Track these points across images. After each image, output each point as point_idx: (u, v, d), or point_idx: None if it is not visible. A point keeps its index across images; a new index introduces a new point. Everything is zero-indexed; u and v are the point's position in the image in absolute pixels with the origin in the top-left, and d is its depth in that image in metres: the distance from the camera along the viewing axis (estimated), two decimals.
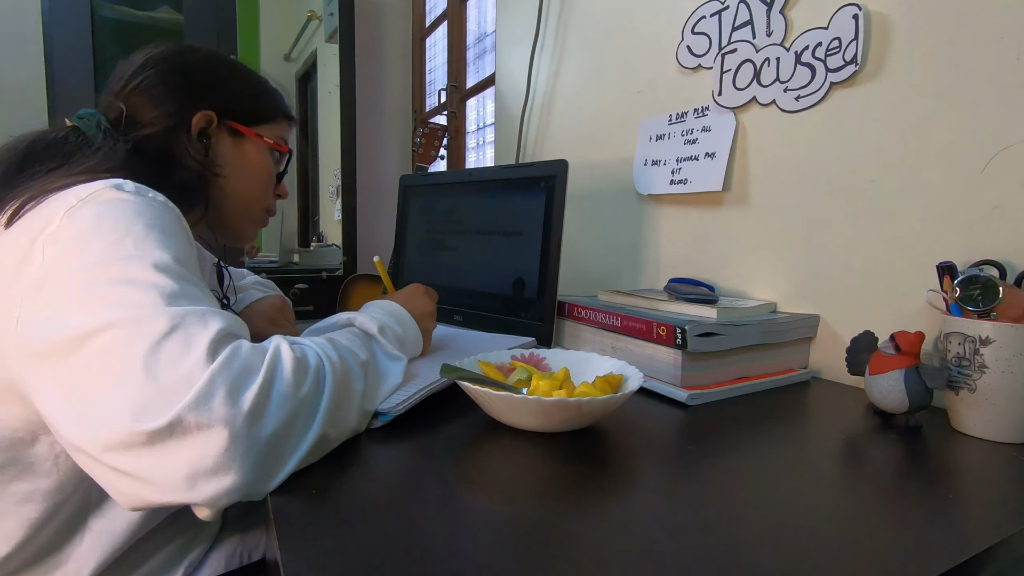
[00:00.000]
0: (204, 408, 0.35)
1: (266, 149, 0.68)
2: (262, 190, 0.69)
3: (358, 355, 0.50)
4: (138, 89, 0.61)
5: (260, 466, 0.38)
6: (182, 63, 0.64)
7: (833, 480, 0.44)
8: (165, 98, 0.61)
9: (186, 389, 0.36)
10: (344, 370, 0.46)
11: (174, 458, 0.35)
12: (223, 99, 0.65)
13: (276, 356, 0.41)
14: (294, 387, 0.40)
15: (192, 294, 0.42)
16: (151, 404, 0.35)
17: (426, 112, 2.38)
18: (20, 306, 0.42)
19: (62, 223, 0.44)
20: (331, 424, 0.43)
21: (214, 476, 0.36)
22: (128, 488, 0.37)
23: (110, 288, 0.40)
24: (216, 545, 0.63)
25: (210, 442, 0.35)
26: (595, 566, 0.31)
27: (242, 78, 0.69)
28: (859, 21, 0.68)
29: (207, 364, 0.37)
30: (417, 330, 0.65)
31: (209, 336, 0.39)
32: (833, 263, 0.74)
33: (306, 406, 0.41)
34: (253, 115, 0.68)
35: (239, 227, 0.69)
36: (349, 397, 0.46)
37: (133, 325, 0.38)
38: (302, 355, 0.43)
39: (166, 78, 0.62)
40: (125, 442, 0.35)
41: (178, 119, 0.61)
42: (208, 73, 0.66)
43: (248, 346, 0.40)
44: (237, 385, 0.37)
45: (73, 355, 0.38)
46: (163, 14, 1.90)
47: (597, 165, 1.14)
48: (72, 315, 0.39)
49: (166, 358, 0.37)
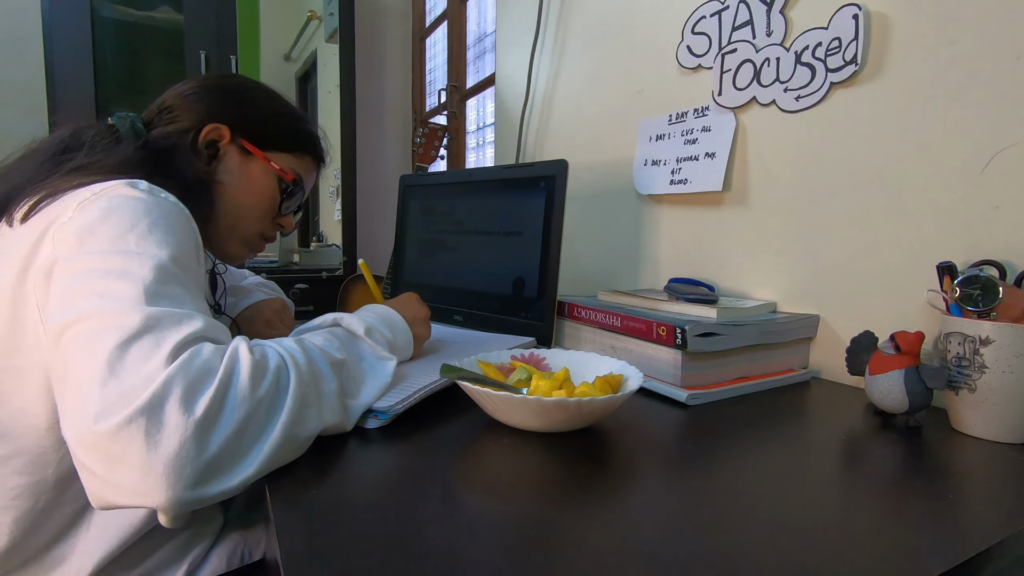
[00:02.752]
0: (157, 411, 0.35)
1: (272, 174, 0.69)
2: (258, 212, 0.69)
3: (331, 355, 0.49)
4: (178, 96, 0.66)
5: (214, 470, 0.37)
6: (222, 83, 0.69)
7: (833, 480, 0.44)
8: (191, 108, 0.65)
9: (143, 391, 0.36)
10: (311, 370, 0.46)
11: (123, 462, 0.35)
12: (242, 117, 0.67)
13: (234, 358, 0.41)
14: (250, 389, 0.40)
15: (177, 296, 0.43)
16: (111, 404, 0.35)
17: (426, 112, 2.38)
18: (35, 293, 0.46)
19: (73, 215, 0.46)
20: (297, 423, 0.42)
21: (158, 487, 0.35)
22: (92, 485, 0.37)
23: (102, 279, 0.42)
24: (218, 542, 0.63)
25: (156, 452, 0.35)
26: (595, 566, 0.31)
27: (272, 106, 0.71)
28: (859, 21, 0.68)
29: (165, 366, 0.37)
30: (409, 334, 0.64)
31: (177, 339, 0.39)
32: (833, 263, 0.74)
33: (264, 407, 0.40)
34: (270, 140, 0.69)
35: (225, 243, 0.69)
36: (319, 396, 0.45)
37: (109, 318, 0.39)
38: (261, 356, 0.42)
39: (202, 92, 0.67)
40: (88, 440, 0.35)
41: (192, 126, 0.64)
42: (238, 93, 0.69)
43: (210, 348, 0.40)
44: (193, 389, 0.37)
45: (58, 344, 0.40)
46: (163, 14, 1.90)
47: (597, 165, 1.14)
48: (63, 302, 0.41)
49: (132, 358, 0.37)
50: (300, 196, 0.73)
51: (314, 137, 0.74)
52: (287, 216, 0.73)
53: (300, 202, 0.74)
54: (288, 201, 0.71)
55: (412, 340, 0.65)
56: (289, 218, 0.74)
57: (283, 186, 0.70)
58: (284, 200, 0.71)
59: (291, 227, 0.75)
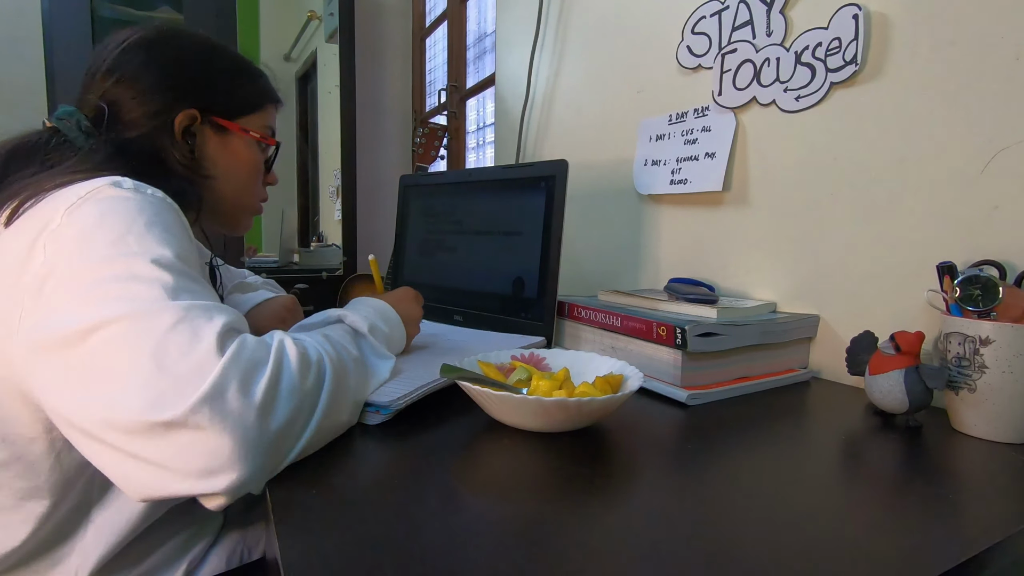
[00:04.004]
0: (219, 400, 0.36)
1: (253, 143, 0.68)
2: (253, 184, 0.69)
3: (351, 351, 0.51)
4: (119, 81, 0.59)
5: (269, 457, 0.39)
6: (162, 54, 0.61)
7: (833, 480, 0.44)
8: (148, 95, 0.59)
9: (200, 381, 0.36)
10: (340, 365, 0.48)
11: (191, 448, 0.36)
12: (206, 94, 0.63)
13: (281, 350, 0.42)
14: (300, 380, 0.42)
15: (193, 289, 0.43)
16: (165, 394, 0.36)
17: (426, 112, 2.38)
18: (22, 304, 0.42)
19: (63, 221, 0.44)
20: (327, 416, 0.44)
21: (229, 467, 0.37)
22: (141, 475, 0.37)
23: (114, 284, 0.41)
24: (218, 541, 0.63)
25: (225, 434, 0.36)
26: (595, 566, 0.31)
27: (224, 68, 0.66)
28: (859, 21, 0.68)
29: (218, 356, 0.38)
30: (403, 330, 0.66)
31: (216, 329, 0.40)
32: (833, 263, 0.74)
33: (309, 399, 0.43)
34: (237, 107, 0.66)
35: (234, 220, 0.71)
36: (344, 391, 0.48)
37: (139, 319, 0.39)
38: (304, 350, 0.44)
39: (148, 70, 0.59)
40: (141, 430, 0.36)
41: (162, 119, 0.60)
42: (190, 65, 0.63)
43: (253, 340, 0.42)
44: (248, 378, 0.38)
45: (80, 346, 0.39)
46: (163, 14, 1.90)
47: (597, 165, 1.14)
48: (77, 310, 0.40)
49: (175, 350, 0.38)
50: (276, 147, 0.73)
51: (268, 85, 0.71)
52: (271, 173, 0.73)
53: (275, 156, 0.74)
54: (271, 160, 0.72)
55: (405, 335, 0.67)
56: (273, 174, 0.74)
57: (263, 147, 0.69)
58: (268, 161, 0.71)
59: (275, 181, 0.75)
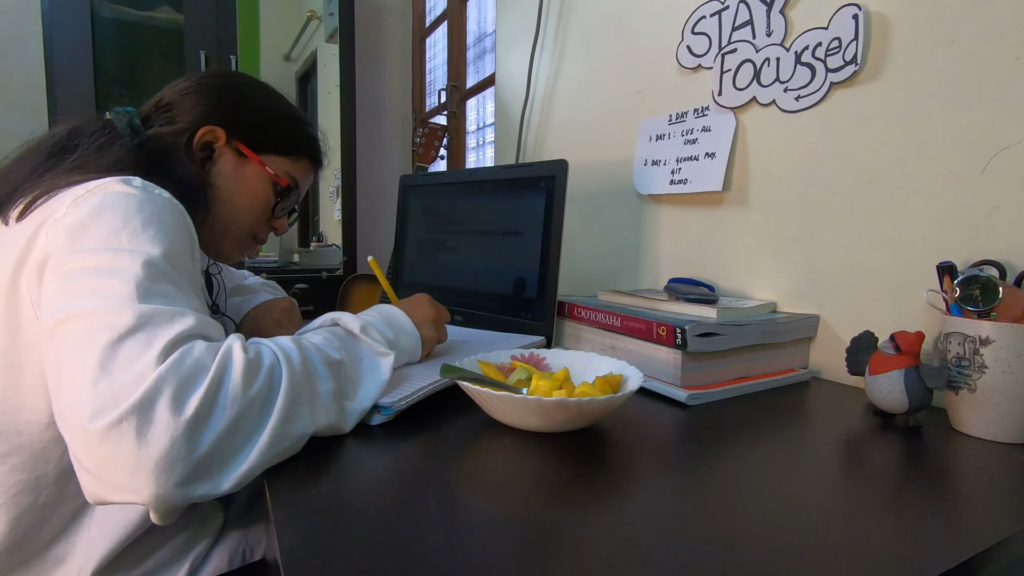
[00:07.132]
0: (148, 410, 0.36)
1: (266, 178, 0.68)
2: (252, 216, 0.69)
3: (328, 354, 0.49)
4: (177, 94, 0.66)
5: (205, 468, 0.37)
6: (221, 83, 0.68)
7: (833, 480, 0.44)
8: (189, 107, 0.65)
9: (134, 390, 0.36)
10: (305, 369, 0.45)
11: (113, 461, 0.35)
12: (239, 120, 0.67)
13: (227, 356, 0.41)
14: (243, 388, 0.40)
15: (169, 293, 0.43)
16: (106, 402, 0.36)
17: (426, 112, 2.38)
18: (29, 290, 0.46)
19: (67, 211, 0.46)
20: (287, 421, 0.42)
21: (144, 484, 0.35)
22: (86, 482, 0.38)
23: (94, 277, 0.42)
24: (220, 541, 0.63)
25: (145, 448, 0.35)
26: (595, 566, 0.31)
27: (271, 107, 0.71)
28: (859, 21, 0.68)
29: (157, 365, 0.37)
30: (415, 335, 0.63)
31: (169, 337, 0.39)
32: (833, 263, 0.74)
33: (256, 406, 0.40)
34: (265, 142, 0.68)
35: (218, 245, 0.70)
36: (312, 395, 0.45)
37: (101, 317, 0.39)
38: (255, 355, 0.42)
39: (200, 91, 0.66)
40: (83, 438, 0.36)
41: (188, 127, 0.63)
42: (237, 94, 0.69)
43: (202, 346, 0.40)
44: (184, 388, 0.37)
45: (53, 338, 0.40)
46: (163, 14, 1.90)
47: (597, 165, 1.14)
48: (56, 299, 0.42)
49: (123, 356, 0.38)
50: (294, 199, 0.73)
51: (312, 140, 0.74)
52: (280, 219, 0.73)
53: (294, 205, 0.74)
54: (281, 204, 0.71)
55: (420, 341, 0.64)
56: (282, 220, 0.74)
57: (277, 190, 0.70)
58: (277, 203, 0.71)
59: (284, 229, 0.75)
